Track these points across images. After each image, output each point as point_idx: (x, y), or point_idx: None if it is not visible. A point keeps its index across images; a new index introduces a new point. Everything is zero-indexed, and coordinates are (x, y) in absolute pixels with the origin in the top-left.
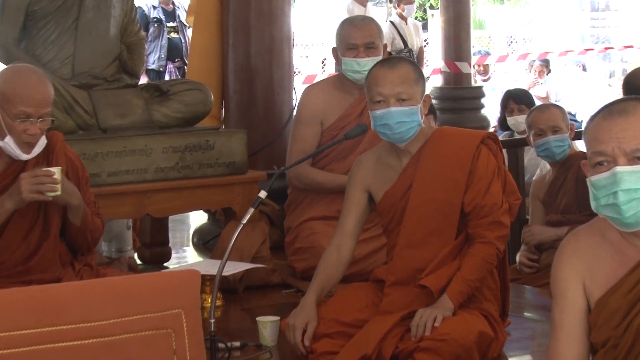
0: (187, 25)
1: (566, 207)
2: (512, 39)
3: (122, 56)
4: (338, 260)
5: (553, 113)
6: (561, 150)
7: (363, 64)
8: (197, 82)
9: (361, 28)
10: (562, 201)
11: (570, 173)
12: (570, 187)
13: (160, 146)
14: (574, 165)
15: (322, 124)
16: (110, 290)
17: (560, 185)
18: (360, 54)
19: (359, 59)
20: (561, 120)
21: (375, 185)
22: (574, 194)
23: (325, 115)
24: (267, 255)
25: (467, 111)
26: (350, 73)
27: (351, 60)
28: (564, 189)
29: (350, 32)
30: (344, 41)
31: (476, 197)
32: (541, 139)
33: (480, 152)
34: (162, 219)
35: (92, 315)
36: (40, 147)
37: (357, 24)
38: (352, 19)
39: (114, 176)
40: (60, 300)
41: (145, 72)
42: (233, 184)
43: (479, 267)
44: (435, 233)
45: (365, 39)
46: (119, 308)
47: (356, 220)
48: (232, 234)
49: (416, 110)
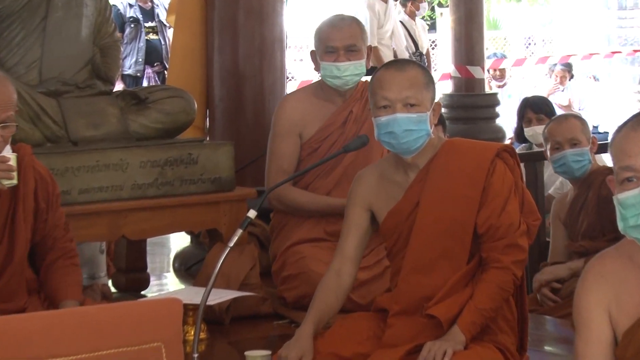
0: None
1: (588, 230)
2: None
3: (95, 60)
4: (338, 287)
5: (571, 124)
6: (580, 165)
7: (343, 69)
8: (179, 89)
9: (341, 29)
10: (583, 224)
11: (591, 192)
12: (592, 207)
13: (137, 160)
14: (596, 182)
15: (301, 137)
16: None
17: (582, 206)
18: (340, 58)
19: (338, 63)
20: (580, 132)
21: (378, 204)
22: (595, 216)
23: (304, 126)
24: (257, 282)
25: (480, 121)
26: (329, 79)
27: (330, 65)
28: (585, 209)
29: (329, 34)
30: (322, 44)
31: (491, 217)
32: (558, 153)
33: (496, 166)
34: (139, 242)
35: (60, 350)
36: None
37: (337, 24)
38: (332, 19)
39: (85, 194)
40: (25, 333)
41: (121, 78)
42: (219, 203)
43: (494, 295)
44: (445, 257)
45: (346, 40)
46: (92, 341)
47: (357, 243)
48: (218, 259)
49: (425, 118)
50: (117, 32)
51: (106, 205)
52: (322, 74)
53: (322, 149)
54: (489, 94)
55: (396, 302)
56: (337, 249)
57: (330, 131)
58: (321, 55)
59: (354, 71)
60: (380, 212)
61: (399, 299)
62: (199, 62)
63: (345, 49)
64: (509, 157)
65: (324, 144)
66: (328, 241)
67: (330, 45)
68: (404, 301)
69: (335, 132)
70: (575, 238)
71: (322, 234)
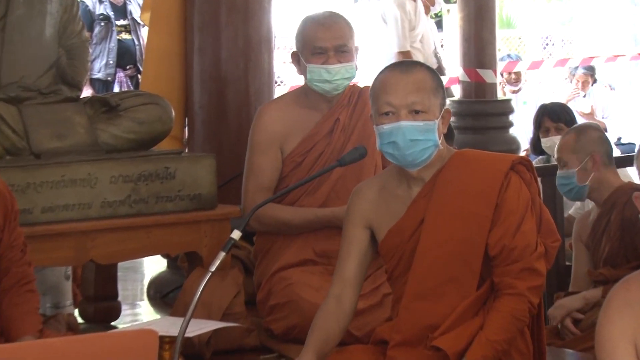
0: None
1: (609, 256)
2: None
3: (60, 63)
4: (339, 314)
5: (563, 141)
6: (566, 190)
7: (334, 72)
8: (154, 95)
9: (330, 27)
10: (604, 249)
11: (614, 213)
12: (615, 231)
13: (107, 175)
14: (619, 202)
15: (283, 150)
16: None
17: (604, 229)
18: (330, 60)
19: (329, 66)
20: (569, 150)
21: (378, 221)
22: (618, 240)
23: (285, 138)
24: (242, 312)
25: (492, 130)
26: (317, 83)
27: (319, 68)
28: (607, 233)
29: (317, 33)
30: (308, 44)
31: (504, 237)
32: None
33: (510, 181)
34: (109, 267)
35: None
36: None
37: (325, 22)
38: (317, 17)
39: (49, 213)
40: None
41: (90, 83)
42: (199, 222)
43: (507, 326)
44: (453, 282)
45: (336, 40)
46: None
47: (357, 265)
48: (198, 285)
49: (433, 127)
50: (85, 31)
51: (72, 226)
52: (309, 78)
53: (307, 162)
54: (502, 100)
55: (397, 332)
56: (336, 272)
57: (315, 142)
58: (307, 57)
59: (344, 74)
60: (380, 231)
61: (400, 329)
62: (176, 65)
63: (336, 49)
64: (525, 171)
65: (309, 156)
66: (318, 264)
67: (318, 45)
68: (407, 331)
69: (321, 142)
70: (596, 265)
71: (311, 255)
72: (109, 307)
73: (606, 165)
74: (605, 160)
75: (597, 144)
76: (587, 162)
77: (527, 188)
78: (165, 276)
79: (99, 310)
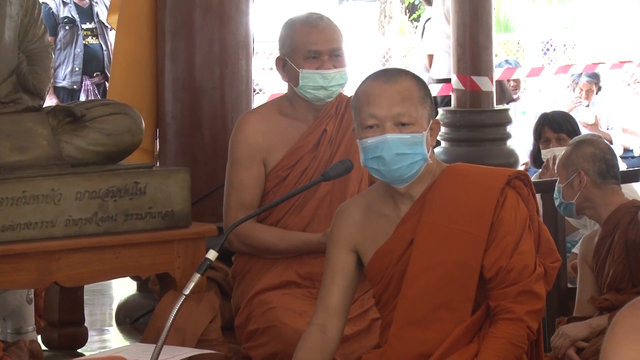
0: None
1: (614, 279)
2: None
3: (21, 69)
4: (322, 345)
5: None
6: (557, 203)
7: (330, 77)
8: (123, 104)
9: (323, 30)
10: (609, 273)
11: (617, 234)
12: (619, 253)
13: (72, 191)
14: (622, 222)
15: (266, 164)
16: None
17: (607, 250)
18: (325, 65)
19: (325, 71)
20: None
21: (365, 243)
22: (622, 263)
23: (267, 152)
24: (218, 338)
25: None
26: (311, 90)
27: (314, 74)
28: (611, 255)
29: (310, 36)
30: (300, 48)
31: (500, 259)
32: None
33: (506, 197)
34: (75, 290)
35: None
36: None
37: (318, 24)
38: (307, 18)
39: (9, 231)
40: None
41: (53, 91)
42: (172, 242)
43: (504, 353)
44: (446, 307)
45: (331, 43)
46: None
47: (342, 292)
48: (171, 310)
49: (421, 140)
50: (48, 35)
51: (35, 245)
52: (302, 84)
53: (292, 177)
54: (499, 109)
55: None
56: (319, 300)
57: (300, 155)
58: (299, 62)
59: (339, 80)
60: (366, 253)
61: (390, 357)
62: (146, 71)
63: (330, 53)
64: (522, 186)
65: (294, 171)
66: (302, 287)
67: (312, 49)
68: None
69: (306, 156)
70: (601, 289)
71: (294, 277)
72: (74, 333)
73: (597, 185)
74: (596, 179)
75: (587, 161)
76: (574, 179)
77: (525, 205)
78: (135, 300)
79: (63, 336)
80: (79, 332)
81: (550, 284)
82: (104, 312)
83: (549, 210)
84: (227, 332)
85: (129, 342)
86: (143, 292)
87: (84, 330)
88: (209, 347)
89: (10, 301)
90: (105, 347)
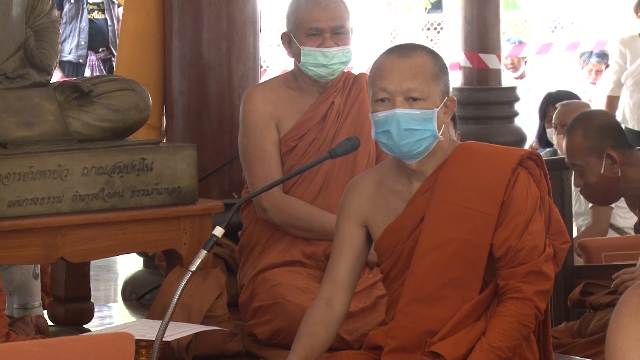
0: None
1: None
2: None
3: (28, 45)
4: (327, 319)
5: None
6: None
7: (331, 56)
8: (130, 80)
9: (326, 7)
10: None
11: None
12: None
13: (79, 167)
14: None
15: (279, 131)
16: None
17: None
18: (327, 42)
19: (325, 49)
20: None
21: (375, 218)
22: None
23: (279, 120)
24: (224, 315)
25: (496, 120)
26: (312, 67)
27: (315, 51)
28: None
29: (311, 13)
30: (303, 25)
31: (510, 238)
32: None
33: (518, 177)
34: (81, 266)
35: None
36: None
37: (322, 1)
38: None
39: (16, 207)
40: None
41: (59, 66)
42: (178, 218)
43: (512, 332)
44: (454, 284)
45: (334, 21)
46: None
47: (351, 265)
48: (177, 286)
49: (431, 116)
50: (55, 10)
51: (41, 221)
52: (303, 61)
53: (300, 148)
54: (507, 87)
55: (393, 338)
56: (327, 273)
57: (308, 127)
58: (301, 39)
59: (341, 58)
60: (376, 228)
61: (396, 334)
62: (154, 47)
63: (332, 31)
64: (534, 167)
65: (302, 142)
66: (306, 266)
67: (314, 26)
68: (403, 336)
69: (314, 128)
70: None
71: (298, 256)
72: (80, 309)
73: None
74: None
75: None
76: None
77: (537, 185)
78: (141, 276)
79: (69, 311)
80: (85, 308)
81: (559, 265)
82: (110, 288)
83: (557, 189)
84: (233, 309)
85: (135, 318)
86: (149, 268)
87: (90, 305)
88: (214, 324)
89: (16, 276)
90: (111, 323)
